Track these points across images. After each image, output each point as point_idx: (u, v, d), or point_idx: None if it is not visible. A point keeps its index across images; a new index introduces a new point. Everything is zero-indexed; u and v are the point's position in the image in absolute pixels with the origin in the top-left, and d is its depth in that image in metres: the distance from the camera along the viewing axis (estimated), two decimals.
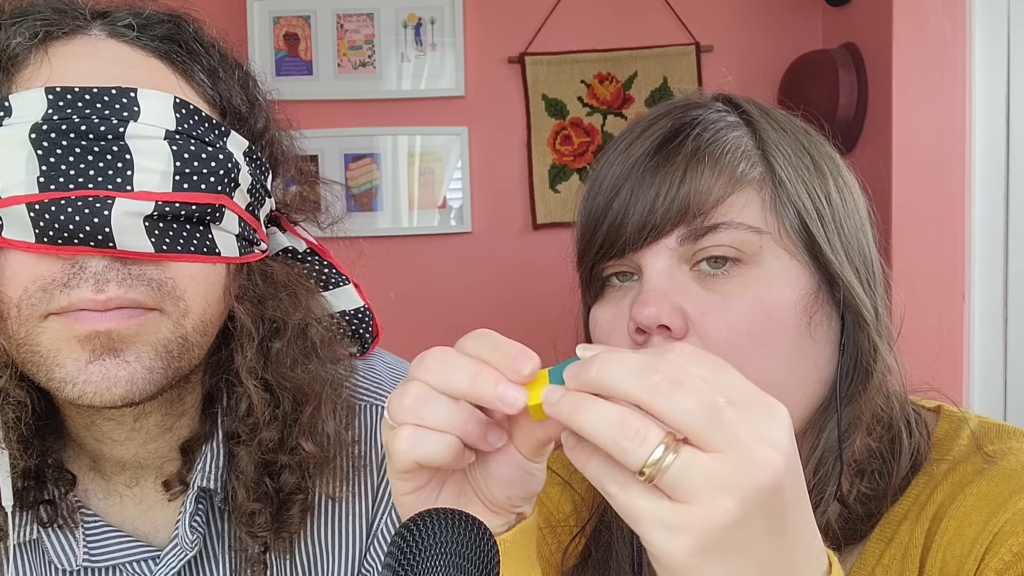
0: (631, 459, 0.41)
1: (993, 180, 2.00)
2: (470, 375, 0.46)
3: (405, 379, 0.49)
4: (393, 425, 0.49)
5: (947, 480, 0.68)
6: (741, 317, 0.64)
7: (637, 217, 0.66)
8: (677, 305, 0.65)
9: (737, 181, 0.66)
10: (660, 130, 0.69)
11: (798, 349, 0.65)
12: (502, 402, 0.45)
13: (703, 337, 0.64)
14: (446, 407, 0.47)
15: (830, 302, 0.68)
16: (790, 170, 0.67)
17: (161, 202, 0.63)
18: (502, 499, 0.54)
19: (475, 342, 0.48)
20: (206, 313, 0.67)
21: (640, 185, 0.67)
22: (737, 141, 0.68)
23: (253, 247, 0.72)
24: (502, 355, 0.46)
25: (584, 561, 0.79)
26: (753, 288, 0.65)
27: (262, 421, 0.71)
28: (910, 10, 1.97)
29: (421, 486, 0.51)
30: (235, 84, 0.72)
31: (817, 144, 0.71)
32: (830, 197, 0.68)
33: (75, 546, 0.72)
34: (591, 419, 0.42)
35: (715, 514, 0.40)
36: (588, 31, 2.32)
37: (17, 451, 0.66)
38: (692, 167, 0.66)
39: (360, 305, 0.82)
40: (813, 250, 0.67)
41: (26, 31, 0.65)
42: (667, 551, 0.41)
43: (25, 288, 0.62)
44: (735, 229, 0.65)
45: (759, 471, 0.41)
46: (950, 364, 2.00)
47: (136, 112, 0.63)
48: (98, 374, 0.63)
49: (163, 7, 0.72)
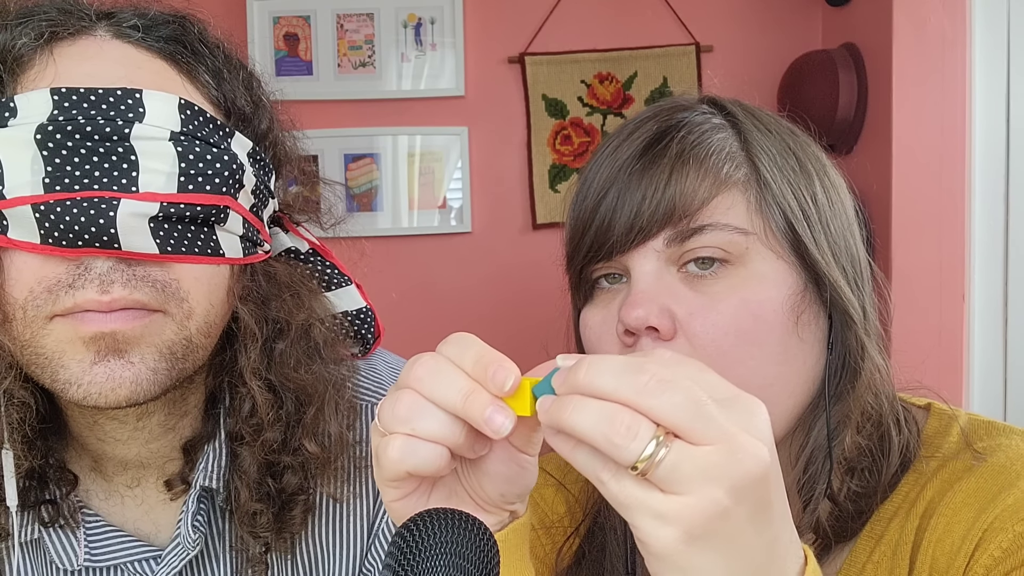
0: (624, 455, 0.41)
1: (993, 180, 2.00)
2: (461, 393, 0.46)
3: (396, 385, 0.49)
4: (383, 432, 0.48)
5: (937, 477, 0.68)
6: (728, 318, 0.65)
7: (624, 219, 0.67)
8: (665, 307, 0.65)
9: (722, 183, 0.66)
10: (646, 133, 0.70)
11: (786, 348, 0.66)
12: (489, 426, 0.46)
13: (691, 338, 0.65)
14: (438, 418, 0.47)
15: (817, 302, 0.68)
16: (775, 171, 0.68)
17: (166, 203, 0.63)
18: (495, 497, 0.54)
19: (456, 350, 0.48)
20: (210, 314, 0.67)
21: (627, 188, 0.68)
22: (722, 143, 0.68)
23: (257, 248, 0.72)
24: (482, 369, 0.46)
25: (578, 561, 0.79)
26: (740, 289, 0.65)
27: (266, 422, 0.71)
28: (910, 10, 1.97)
29: (410, 492, 0.51)
30: (239, 85, 0.72)
31: (803, 145, 0.72)
32: (816, 197, 0.69)
33: (76, 546, 0.72)
34: (581, 418, 0.42)
35: (705, 504, 0.41)
36: (588, 31, 2.32)
37: (22, 452, 0.67)
38: (677, 169, 0.66)
39: (362, 306, 0.82)
40: (799, 250, 0.67)
41: (32, 31, 0.65)
42: (657, 539, 0.42)
43: (31, 289, 0.62)
44: (721, 230, 0.65)
45: (748, 460, 0.42)
46: (950, 364, 2.00)
47: (141, 113, 0.63)
48: (103, 375, 0.63)
49: (168, 8, 0.72)
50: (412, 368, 0.48)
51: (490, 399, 0.46)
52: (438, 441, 0.47)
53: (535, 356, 0.55)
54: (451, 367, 0.47)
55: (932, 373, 0.78)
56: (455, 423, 0.47)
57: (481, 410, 0.45)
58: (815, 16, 2.34)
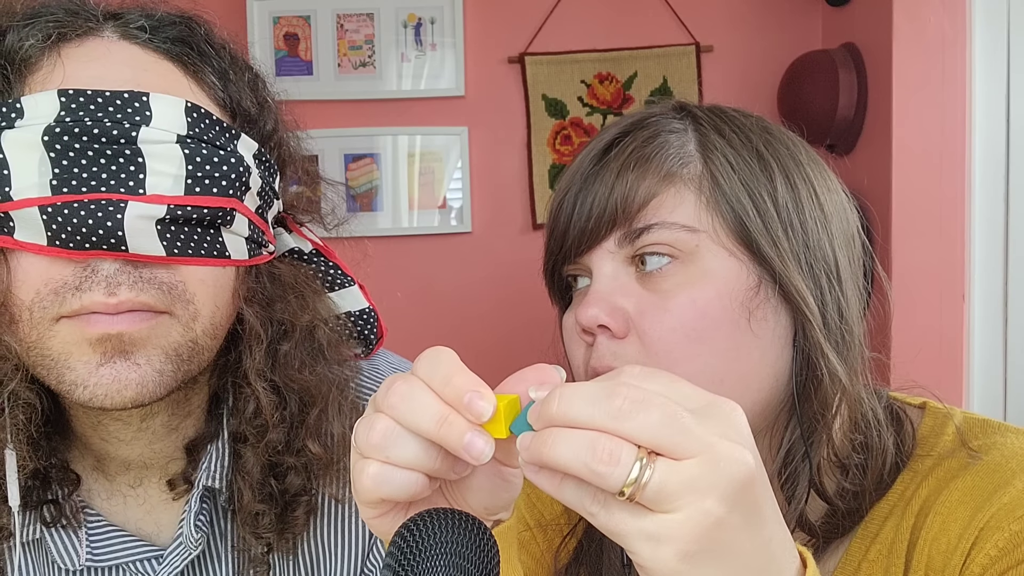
0: (610, 482, 0.41)
1: (993, 180, 2.00)
2: (435, 420, 0.45)
3: (372, 408, 0.48)
4: (360, 453, 0.48)
5: (932, 476, 0.68)
6: (676, 316, 0.66)
7: (579, 222, 0.69)
8: (617, 306, 0.67)
9: (665, 180, 0.67)
10: (605, 138, 0.72)
11: (737, 345, 0.66)
12: (469, 453, 0.45)
13: (641, 336, 0.66)
14: (412, 447, 0.46)
15: (777, 298, 0.68)
16: (727, 168, 0.68)
17: (173, 205, 0.63)
18: (479, 509, 0.53)
19: (426, 368, 0.47)
20: (215, 316, 0.67)
21: (581, 191, 0.70)
22: (673, 142, 0.69)
23: (261, 249, 0.72)
24: (453, 392, 0.45)
25: (576, 559, 0.80)
26: (689, 286, 0.66)
27: (270, 423, 0.71)
28: (910, 10, 1.97)
29: (388, 511, 0.50)
30: (245, 86, 0.72)
31: (773, 143, 0.71)
32: (775, 195, 0.68)
33: (78, 546, 0.72)
34: (562, 452, 0.42)
35: (698, 517, 0.41)
36: (588, 31, 2.32)
37: (27, 453, 0.67)
38: (624, 170, 0.68)
39: (365, 306, 0.82)
40: (752, 247, 0.67)
41: (39, 32, 0.65)
42: (656, 561, 0.42)
43: (37, 291, 0.62)
44: (667, 228, 0.66)
45: (732, 467, 0.42)
46: (950, 364, 2.00)
47: (148, 116, 0.63)
48: (109, 376, 0.63)
49: (174, 8, 0.72)
50: (387, 393, 0.47)
51: (467, 425, 0.45)
52: (413, 468, 0.46)
53: (535, 356, 0.54)
54: (424, 391, 0.46)
55: (932, 373, 0.78)
56: (430, 449, 0.46)
57: (459, 437, 0.44)
58: (815, 16, 2.34)
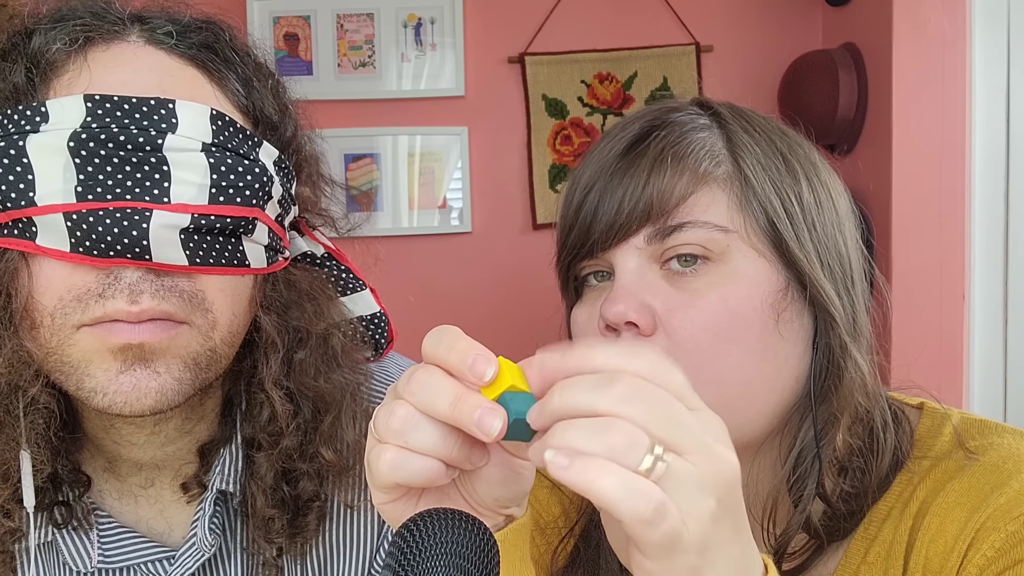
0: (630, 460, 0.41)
1: (993, 180, 2.00)
2: (450, 399, 0.45)
3: (392, 395, 0.48)
4: (377, 438, 0.48)
5: (929, 477, 0.68)
6: (707, 315, 0.65)
7: (606, 217, 0.68)
8: (645, 303, 0.66)
9: (700, 179, 0.67)
10: (630, 132, 0.71)
11: (765, 346, 0.66)
12: (480, 429, 0.45)
13: (670, 334, 0.65)
14: (431, 432, 0.46)
15: (801, 300, 0.68)
16: (759, 169, 0.68)
17: (197, 215, 0.63)
18: (489, 501, 0.53)
19: (432, 340, 0.47)
20: (233, 324, 0.67)
21: (609, 186, 0.69)
22: (704, 141, 0.69)
23: (278, 255, 0.71)
24: (457, 356, 0.45)
25: (573, 561, 0.79)
26: (720, 286, 0.66)
27: (285, 430, 0.71)
28: (910, 10, 1.97)
29: (400, 496, 0.50)
30: (268, 92, 0.72)
31: (793, 146, 0.72)
32: (802, 197, 0.69)
33: (90, 548, 0.72)
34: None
35: (702, 513, 0.42)
36: (588, 31, 2.32)
37: (45, 456, 0.66)
38: (657, 167, 0.67)
39: (377, 310, 0.82)
40: (781, 249, 0.67)
41: (66, 36, 0.64)
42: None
43: (60, 297, 0.62)
44: (700, 228, 0.66)
45: (725, 469, 0.43)
46: (950, 364, 2.00)
47: (174, 124, 0.63)
48: (129, 384, 0.63)
49: (199, 13, 0.72)
50: (409, 379, 0.47)
51: (479, 403, 0.45)
52: (431, 454, 0.47)
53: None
54: (442, 378, 0.46)
55: (932, 373, 0.78)
56: (448, 436, 0.46)
57: (470, 413, 0.45)
58: (815, 16, 2.34)
